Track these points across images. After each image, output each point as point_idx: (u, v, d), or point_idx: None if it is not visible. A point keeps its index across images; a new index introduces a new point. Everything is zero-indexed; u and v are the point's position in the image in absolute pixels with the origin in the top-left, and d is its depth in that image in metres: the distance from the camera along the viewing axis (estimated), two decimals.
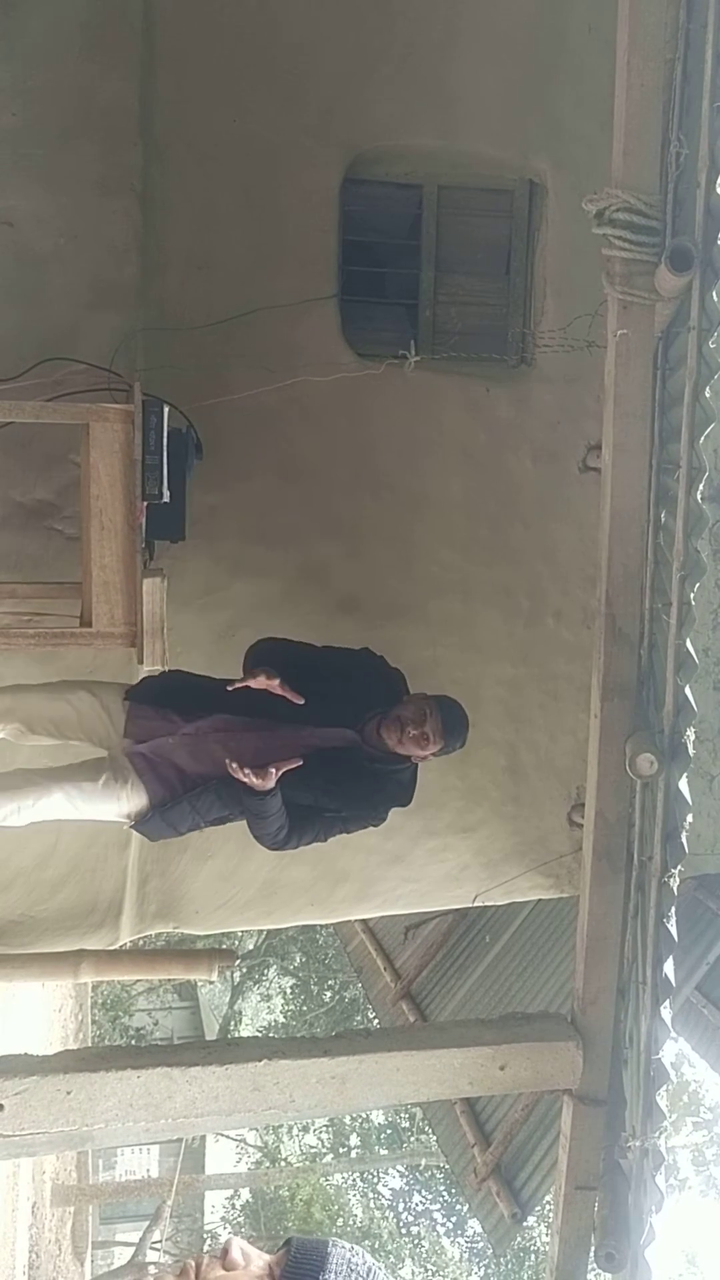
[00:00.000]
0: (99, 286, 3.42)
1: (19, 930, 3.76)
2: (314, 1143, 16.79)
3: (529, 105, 3.70)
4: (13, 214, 3.36)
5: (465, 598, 3.88)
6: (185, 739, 2.93)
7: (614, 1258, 2.43)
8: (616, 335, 2.12)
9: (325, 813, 2.96)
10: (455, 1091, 2.58)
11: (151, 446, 2.63)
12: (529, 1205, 4.65)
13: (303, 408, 3.60)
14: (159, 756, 2.93)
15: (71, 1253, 11.48)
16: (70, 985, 9.08)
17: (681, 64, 2.05)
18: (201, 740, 2.92)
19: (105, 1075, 2.26)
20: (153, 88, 3.43)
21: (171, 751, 2.93)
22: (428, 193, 3.81)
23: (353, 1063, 2.36)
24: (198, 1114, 2.30)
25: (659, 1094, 2.31)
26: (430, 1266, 15.45)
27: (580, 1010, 2.51)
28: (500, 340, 3.91)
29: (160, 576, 2.80)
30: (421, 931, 6.46)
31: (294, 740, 2.88)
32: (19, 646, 2.77)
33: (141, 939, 4.34)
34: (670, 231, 2.05)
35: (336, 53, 3.57)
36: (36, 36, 3.33)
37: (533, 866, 4.11)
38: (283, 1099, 2.34)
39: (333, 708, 2.94)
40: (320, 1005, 15.89)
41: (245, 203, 3.55)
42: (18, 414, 2.75)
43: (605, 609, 2.28)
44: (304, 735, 2.90)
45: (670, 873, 2.21)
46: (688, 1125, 14.57)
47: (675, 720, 2.17)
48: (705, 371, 2.06)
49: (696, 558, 2.12)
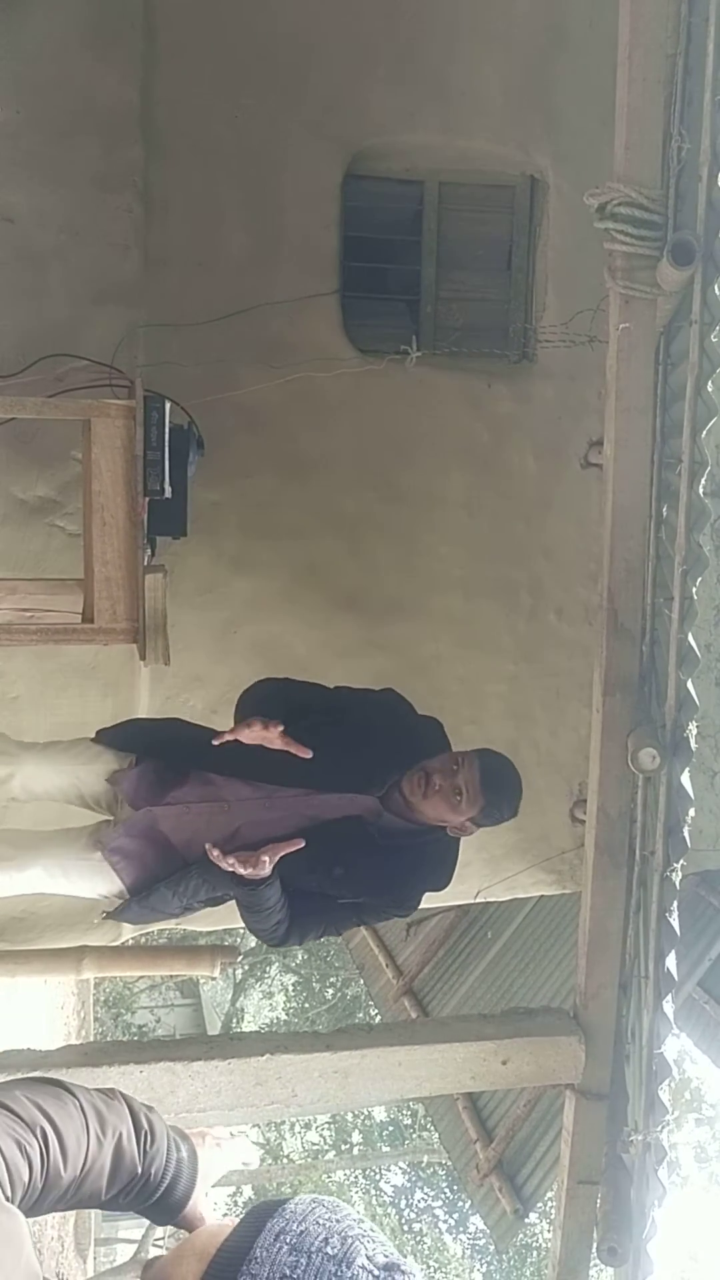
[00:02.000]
0: (100, 283, 3.42)
1: (21, 926, 3.77)
2: (316, 1139, 16.80)
3: (530, 100, 3.69)
4: (14, 210, 3.36)
5: (466, 594, 3.88)
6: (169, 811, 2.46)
7: (616, 1252, 2.43)
8: (618, 330, 2.12)
9: (338, 901, 2.40)
10: (457, 1086, 2.58)
11: (153, 442, 2.63)
12: (531, 1201, 4.65)
13: (304, 404, 3.60)
14: (143, 830, 2.48)
15: (74, 1250, 11.49)
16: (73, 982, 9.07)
17: (683, 58, 2.04)
18: (185, 809, 2.44)
19: (108, 1070, 2.26)
20: (154, 84, 3.43)
21: (157, 820, 2.46)
22: (429, 188, 3.81)
23: (355, 1057, 2.37)
24: (200, 1109, 2.30)
25: (661, 1088, 2.31)
26: (433, 1263, 15.45)
27: (582, 1005, 2.52)
28: (502, 336, 3.91)
29: (162, 573, 2.80)
30: (423, 928, 6.46)
31: (298, 809, 2.39)
32: (21, 643, 2.76)
33: (144, 936, 4.34)
34: (672, 225, 2.04)
35: (337, 48, 3.57)
36: (37, 33, 3.33)
37: (535, 863, 4.11)
38: (285, 1094, 2.34)
39: (348, 766, 2.38)
40: (322, 1002, 15.89)
41: (246, 198, 3.55)
42: (19, 410, 2.75)
43: (607, 604, 2.28)
44: (311, 802, 2.39)
45: (672, 867, 2.21)
46: (690, 1122, 14.58)
47: (677, 715, 2.17)
48: (707, 366, 2.06)
49: (698, 552, 2.12)
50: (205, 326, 3.46)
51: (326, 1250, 0.91)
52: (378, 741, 2.44)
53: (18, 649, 3.37)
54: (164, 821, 2.47)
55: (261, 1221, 0.96)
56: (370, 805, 2.41)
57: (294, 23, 3.53)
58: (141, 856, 2.48)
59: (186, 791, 2.48)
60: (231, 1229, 0.98)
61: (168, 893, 2.45)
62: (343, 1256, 0.91)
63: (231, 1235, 0.97)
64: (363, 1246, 0.92)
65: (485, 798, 2.32)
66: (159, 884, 2.45)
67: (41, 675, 3.59)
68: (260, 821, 2.40)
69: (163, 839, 2.48)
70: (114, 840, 2.52)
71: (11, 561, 3.45)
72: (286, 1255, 0.91)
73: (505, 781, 2.39)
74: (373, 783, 2.41)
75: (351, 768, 2.39)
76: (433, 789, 2.32)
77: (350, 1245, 0.91)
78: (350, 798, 2.40)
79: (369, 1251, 0.91)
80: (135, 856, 2.49)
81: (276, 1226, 0.95)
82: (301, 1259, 0.90)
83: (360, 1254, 0.91)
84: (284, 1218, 0.96)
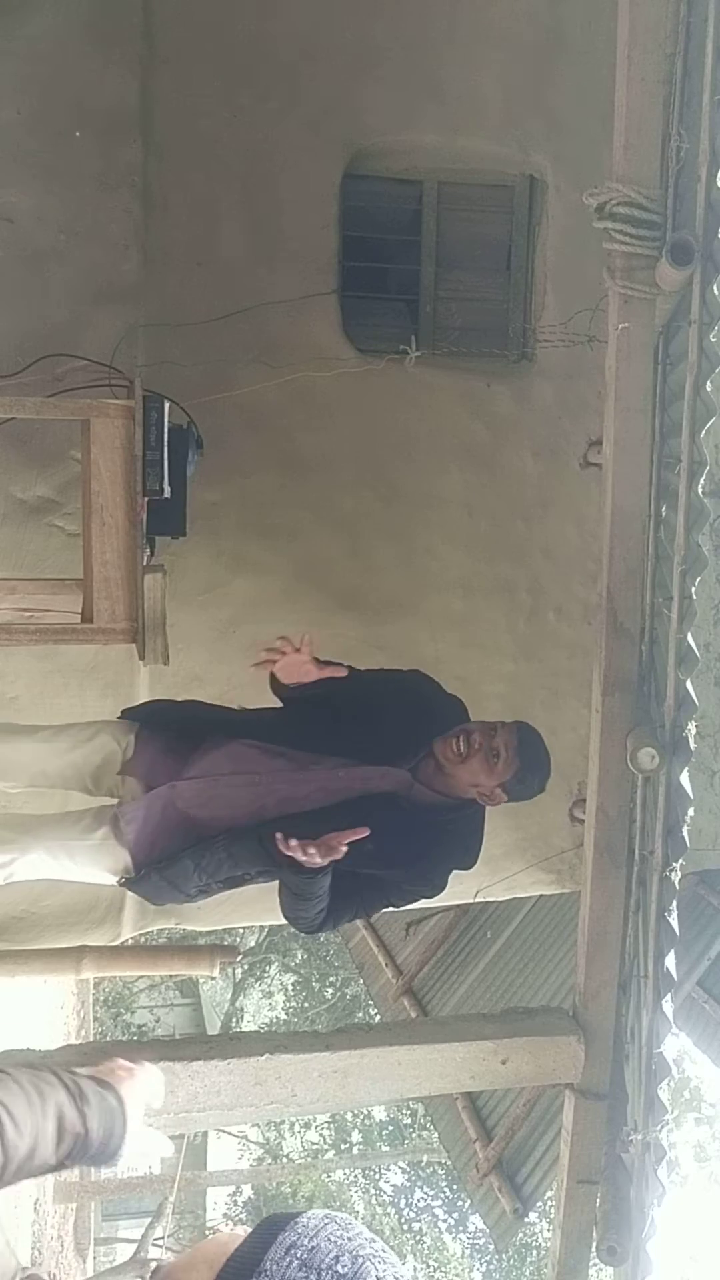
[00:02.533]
0: (99, 282, 3.42)
1: (21, 926, 3.77)
2: (316, 1139, 16.81)
3: (529, 100, 3.69)
4: (13, 210, 3.36)
5: (466, 594, 3.88)
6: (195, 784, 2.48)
7: (616, 1251, 2.43)
8: (617, 330, 2.12)
9: (369, 878, 2.41)
10: (457, 1086, 2.58)
11: (152, 442, 2.63)
12: (531, 1200, 4.65)
13: (303, 404, 3.60)
14: (162, 799, 2.49)
15: (74, 1249, 11.50)
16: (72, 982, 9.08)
17: (682, 58, 2.04)
18: (214, 781, 2.46)
19: None
20: (153, 84, 3.43)
21: (177, 795, 2.48)
22: (428, 188, 3.81)
23: (354, 1057, 2.36)
24: (200, 1109, 2.30)
25: (660, 1087, 2.31)
26: (432, 1263, 15.46)
27: (582, 1005, 2.51)
28: (501, 336, 3.91)
29: (161, 573, 2.80)
30: (423, 928, 6.46)
31: (329, 783, 2.41)
32: (20, 643, 2.76)
33: (143, 935, 4.34)
34: (671, 225, 2.04)
35: (336, 49, 3.57)
36: (37, 33, 3.33)
37: (534, 862, 4.11)
38: (285, 1093, 2.34)
39: (381, 738, 2.43)
40: (322, 1002, 15.90)
41: (245, 198, 3.55)
42: (18, 410, 2.75)
43: (606, 604, 2.28)
44: (343, 776, 2.41)
45: (671, 866, 2.21)
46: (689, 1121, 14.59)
47: (676, 715, 2.17)
48: (706, 365, 2.06)
49: (698, 552, 2.12)
50: (204, 326, 3.46)
51: (337, 1268, 0.91)
52: (408, 715, 2.48)
53: (17, 649, 3.37)
54: (186, 795, 2.46)
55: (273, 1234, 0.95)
56: (402, 778, 2.44)
57: (293, 23, 3.53)
58: (155, 831, 2.47)
59: (215, 763, 2.48)
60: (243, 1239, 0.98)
61: (190, 864, 2.42)
62: (353, 1275, 0.90)
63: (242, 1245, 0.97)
64: (373, 1267, 0.91)
65: (521, 760, 2.41)
66: (183, 854, 2.42)
67: (41, 675, 3.59)
68: (291, 796, 2.41)
69: (179, 814, 2.47)
70: (129, 811, 2.50)
71: (11, 561, 3.45)
72: (296, 1270, 0.91)
73: (540, 750, 2.49)
74: (405, 754, 2.44)
75: (385, 739, 2.43)
76: (473, 748, 2.37)
77: (361, 1265, 0.91)
78: (383, 770, 2.43)
79: (379, 1273, 0.91)
80: (146, 830, 2.47)
81: (288, 1240, 0.94)
82: (311, 1275, 0.90)
83: (371, 1274, 0.90)
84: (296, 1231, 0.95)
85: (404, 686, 2.60)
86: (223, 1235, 1.04)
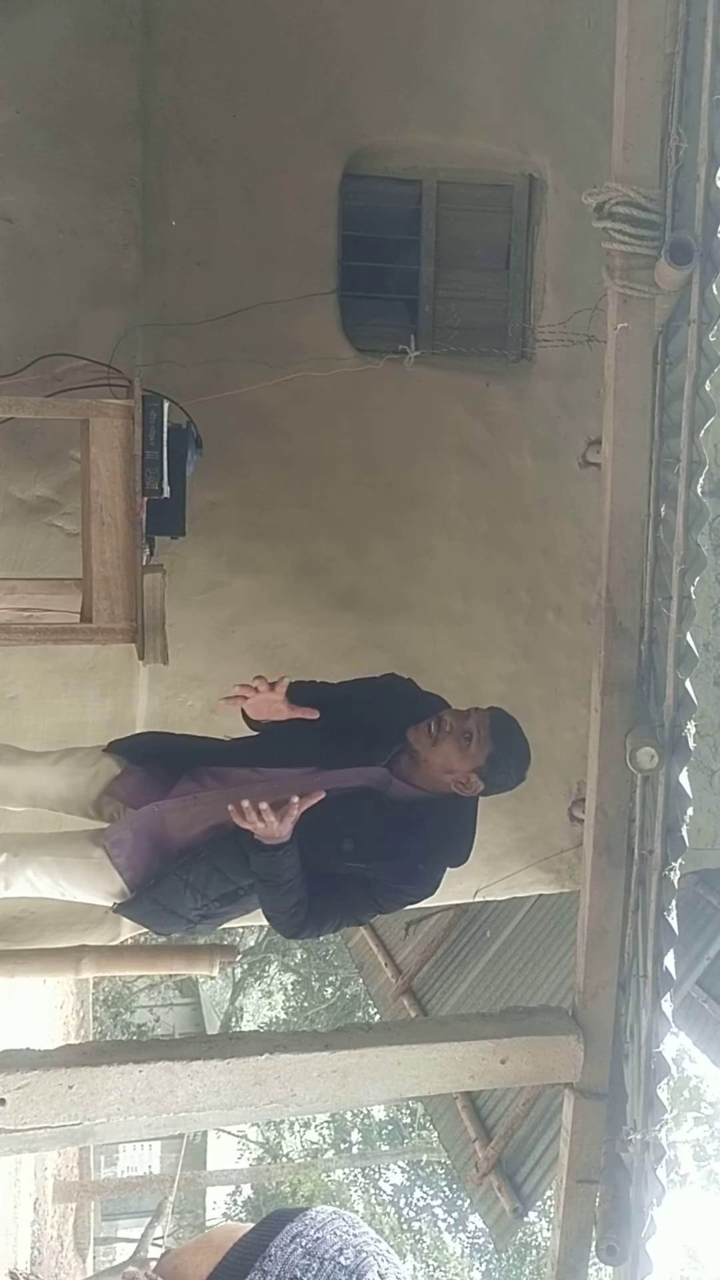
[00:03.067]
0: (98, 282, 3.42)
1: (21, 926, 3.77)
2: (315, 1139, 16.82)
3: (528, 100, 3.69)
4: (12, 210, 3.36)
5: (465, 593, 3.88)
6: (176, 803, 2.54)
7: (615, 1251, 2.43)
8: (616, 329, 2.11)
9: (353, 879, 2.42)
10: (456, 1085, 2.58)
11: (151, 442, 2.63)
12: (530, 1200, 4.65)
13: (303, 403, 3.60)
14: (146, 825, 2.53)
15: (74, 1249, 11.50)
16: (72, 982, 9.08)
17: (681, 57, 2.04)
18: (194, 799, 2.52)
19: (107, 1070, 2.26)
20: (152, 83, 3.43)
21: (163, 815, 2.53)
22: (427, 188, 3.81)
23: (354, 1056, 2.36)
24: (199, 1108, 2.30)
25: (660, 1087, 2.31)
26: (432, 1262, 15.48)
27: (581, 1004, 2.51)
28: (500, 335, 3.91)
29: (160, 572, 2.80)
30: (422, 927, 6.46)
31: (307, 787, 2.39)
32: (19, 642, 2.76)
33: (143, 935, 4.34)
34: (670, 225, 2.04)
35: (336, 48, 3.57)
36: (37, 33, 3.32)
37: (533, 862, 4.11)
38: (284, 1093, 2.34)
39: (350, 740, 2.47)
40: (321, 1001, 15.91)
41: (244, 198, 3.55)
42: (17, 410, 2.75)
43: (606, 603, 2.28)
44: (319, 780, 2.42)
45: (671, 866, 2.21)
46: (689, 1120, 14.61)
47: (676, 714, 2.17)
48: (705, 365, 2.06)
49: (697, 552, 2.12)
50: (204, 326, 3.46)
51: (340, 1260, 0.92)
52: (378, 712, 2.50)
53: (16, 649, 3.37)
54: (169, 816, 2.53)
55: (280, 1224, 0.98)
56: (378, 775, 2.46)
57: (292, 22, 3.53)
58: (142, 851, 2.52)
59: (191, 785, 2.55)
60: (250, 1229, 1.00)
61: (179, 883, 2.47)
62: (355, 1268, 0.91)
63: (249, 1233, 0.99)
64: (376, 1264, 0.92)
65: (494, 743, 2.40)
66: (169, 873, 2.48)
67: (40, 675, 3.59)
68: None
69: (165, 835, 2.53)
70: (115, 833, 2.56)
71: (10, 561, 3.45)
72: (300, 1258, 0.92)
73: (515, 735, 2.46)
74: (376, 749, 2.46)
75: (353, 740, 2.46)
76: (444, 731, 2.38)
77: (364, 1259, 0.92)
78: (356, 770, 2.45)
79: (381, 1268, 0.92)
80: (136, 851, 2.52)
81: (294, 1230, 0.96)
82: (314, 1263, 0.91)
83: (373, 1269, 0.91)
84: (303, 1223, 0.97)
85: (377, 688, 2.64)
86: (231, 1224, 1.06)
